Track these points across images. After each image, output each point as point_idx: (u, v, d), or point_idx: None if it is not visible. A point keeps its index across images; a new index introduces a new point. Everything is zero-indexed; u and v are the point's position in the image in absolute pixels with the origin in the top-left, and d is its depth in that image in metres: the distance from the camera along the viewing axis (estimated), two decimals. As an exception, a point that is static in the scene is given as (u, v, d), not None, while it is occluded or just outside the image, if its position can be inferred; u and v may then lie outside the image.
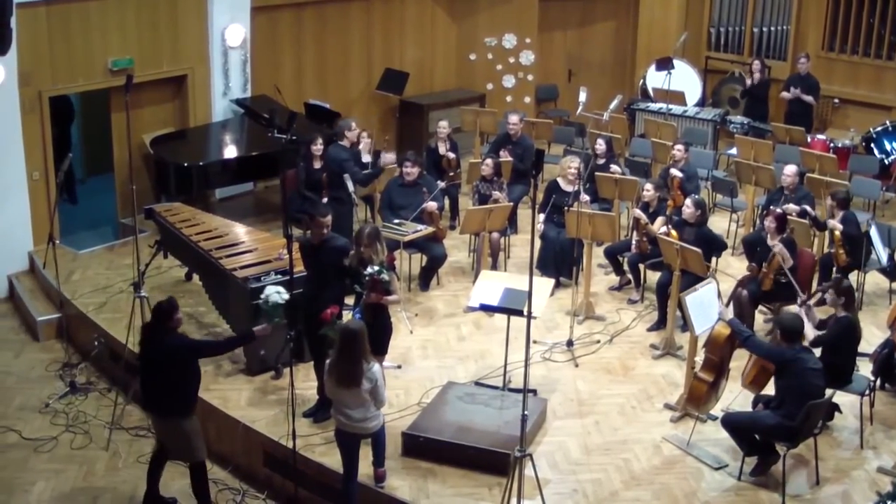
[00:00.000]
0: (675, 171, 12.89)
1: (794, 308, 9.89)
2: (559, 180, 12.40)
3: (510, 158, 13.53)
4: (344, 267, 9.41)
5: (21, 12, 11.83)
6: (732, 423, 8.79)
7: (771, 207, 11.76)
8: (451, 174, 13.84)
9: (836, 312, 9.40)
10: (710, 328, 9.24)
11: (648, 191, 12.09)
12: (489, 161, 12.88)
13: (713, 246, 11.27)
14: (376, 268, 9.03)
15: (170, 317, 8.33)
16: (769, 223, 11.00)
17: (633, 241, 11.85)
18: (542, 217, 12.07)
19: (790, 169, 12.55)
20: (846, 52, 17.06)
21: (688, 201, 11.33)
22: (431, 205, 12.17)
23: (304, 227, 10.14)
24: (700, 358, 9.40)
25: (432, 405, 9.54)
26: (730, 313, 9.38)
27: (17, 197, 12.56)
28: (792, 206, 12.04)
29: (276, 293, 9.11)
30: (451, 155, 14.03)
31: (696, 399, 9.10)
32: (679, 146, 13.22)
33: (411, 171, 12.38)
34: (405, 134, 16.89)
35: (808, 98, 15.91)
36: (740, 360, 9.25)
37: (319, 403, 9.56)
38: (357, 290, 9.24)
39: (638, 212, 11.84)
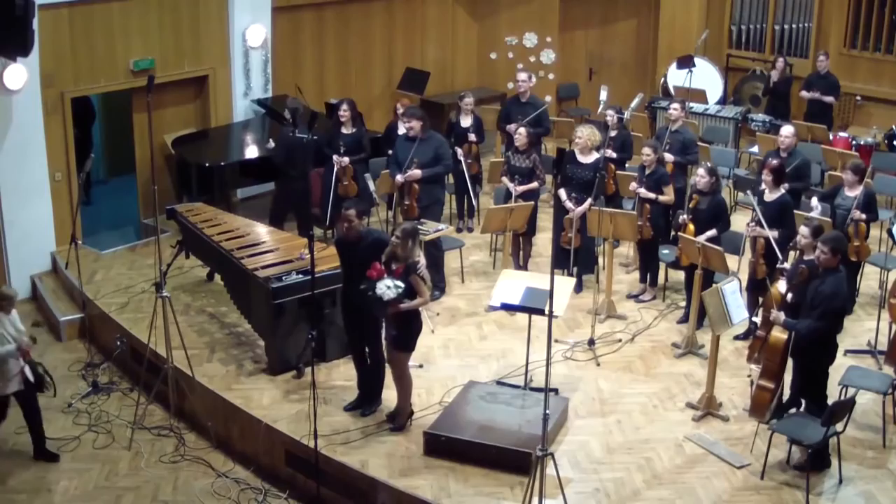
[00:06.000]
0: (668, 156, 12.48)
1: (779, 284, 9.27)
2: (575, 150, 11.81)
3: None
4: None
5: (43, 14, 11.91)
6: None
7: (768, 160, 11.22)
8: (469, 162, 13.38)
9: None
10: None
11: (648, 154, 11.64)
12: (522, 131, 12.31)
13: (723, 220, 10.99)
14: (383, 288, 8.77)
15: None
16: (765, 176, 10.74)
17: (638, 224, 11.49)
18: (563, 193, 11.62)
19: (787, 129, 12.15)
20: (868, 50, 16.93)
21: (700, 171, 10.99)
22: (415, 173, 11.85)
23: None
24: (754, 366, 9.24)
25: (454, 404, 9.53)
26: (782, 315, 8.79)
27: (39, 198, 12.62)
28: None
29: (386, 288, 8.76)
30: (472, 137, 13.51)
31: (761, 408, 8.91)
32: (675, 104, 12.85)
33: (410, 125, 12.03)
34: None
35: (829, 98, 15.75)
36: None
37: (362, 396, 9.63)
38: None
39: (642, 190, 11.55)
